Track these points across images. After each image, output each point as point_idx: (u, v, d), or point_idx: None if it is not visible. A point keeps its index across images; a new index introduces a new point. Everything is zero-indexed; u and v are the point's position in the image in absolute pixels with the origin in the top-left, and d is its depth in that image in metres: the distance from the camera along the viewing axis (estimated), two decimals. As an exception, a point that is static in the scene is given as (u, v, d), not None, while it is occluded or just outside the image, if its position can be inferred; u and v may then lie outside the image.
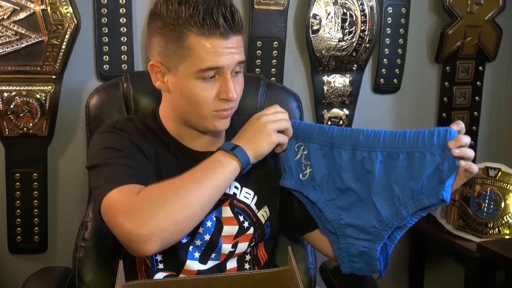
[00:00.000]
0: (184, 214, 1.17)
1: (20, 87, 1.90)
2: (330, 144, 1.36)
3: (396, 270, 2.50)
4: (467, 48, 2.31)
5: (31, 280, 1.58)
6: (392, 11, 2.22)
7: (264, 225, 1.45)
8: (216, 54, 1.27)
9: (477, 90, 2.41)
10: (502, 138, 2.52)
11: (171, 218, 1.15)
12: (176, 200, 1.17)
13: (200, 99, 1.31)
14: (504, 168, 2.09)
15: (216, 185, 1.23)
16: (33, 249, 2.04)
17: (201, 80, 1.29)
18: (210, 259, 1.39)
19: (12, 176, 1.97)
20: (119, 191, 1.20)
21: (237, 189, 1.43)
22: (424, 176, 1.27)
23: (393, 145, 1.29)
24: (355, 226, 1.36)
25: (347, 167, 1.34)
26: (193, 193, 1.19)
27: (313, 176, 1.38)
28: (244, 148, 1.27)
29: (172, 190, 1.19)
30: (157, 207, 1.16)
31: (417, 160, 1.27)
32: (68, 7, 1.86)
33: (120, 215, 1.17)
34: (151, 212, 1.15)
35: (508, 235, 2.05)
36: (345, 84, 2.20)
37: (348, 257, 1.41)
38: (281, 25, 2.11)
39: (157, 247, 1.16)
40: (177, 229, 1.17)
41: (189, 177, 1.23)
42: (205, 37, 1.26)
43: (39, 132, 1.95)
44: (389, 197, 1.31)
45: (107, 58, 1.99)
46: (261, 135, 1.30)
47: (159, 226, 1.14)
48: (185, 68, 1.29)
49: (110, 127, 1.40)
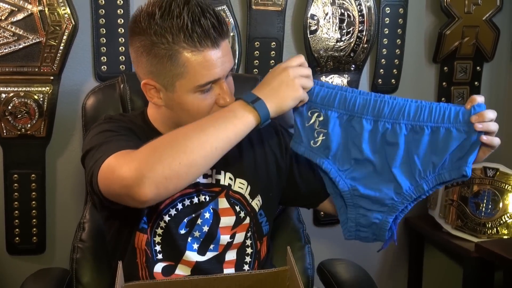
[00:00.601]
0: (181, 159, 1.12)
1: (18, 88, 1.90)
2: (350, 114, 1.29)
3: (395, 270, 2.50)
4: (464, 48, 2.32)
5: (29, 281, 1.58)
6: (390, 11, 2.22)
7: (257, 213, 1.46)
8: (212, 67, 1.26)
9: (475, 90, 2.41)
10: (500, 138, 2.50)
11: (166, 162, 1.11)
12: (174, 145, 1.14)
13: (200, 109, 1.30)
14: (502, 168, 2.09)
15: (224, 135, 1.17)
16: (31, 250, 2.04)
17: (200, 93, 1.29)
18: (209, 250, 1.40)
19: (10, 177, 1.97)
20: (117, 155, 1.18)
21: (231, 180, 1.44)
22: (448, 152, 1.25)
23: (418, 118, 1.26)
24: (370, 198, 1.32)
25: (367, 138, 1.29)
26: (192, 138, 1.14)
27: (327, 145, 1.30)
28: (266, 102, 1.20)
29: (172, 137, 1.16)
30: (152, 152, 1.13)
31: (443, 136, 1.25)
32: (65, 8, 1.86)
33: (117, 169, 1.14)
34: (145, 157, 1.12)
35: (506, 235, 2.05)
36: (343, 84, 2.20)
37: (355, 226, 1.37)
38: (279, 25, 2.11)
39: (152, 192, 1.11)
40: (174, 174, 1.12)
41: (194, 124, 1.19)
42: (198, 51, 1.24)
43: (37, 133, 1.94)
44: (410, 171, 1.28)
45: (105, 59, 1.99)
46: (288, 89, 1.22)
47: (152, 169, 1.10)
48: (182, 84, 1.28)
49: (106, 118, 1.41)
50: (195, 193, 1.39)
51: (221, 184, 1.42)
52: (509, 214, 2.05)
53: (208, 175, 1.42)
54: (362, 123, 1.28)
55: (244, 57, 2.11)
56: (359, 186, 1.32)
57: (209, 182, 1.42)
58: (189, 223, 1.38)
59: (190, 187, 1.38)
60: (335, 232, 2.35)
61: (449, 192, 2.17)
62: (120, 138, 1.28)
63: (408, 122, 1.27)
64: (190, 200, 1.39)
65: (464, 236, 2.11)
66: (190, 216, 1.39)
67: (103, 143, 1.25)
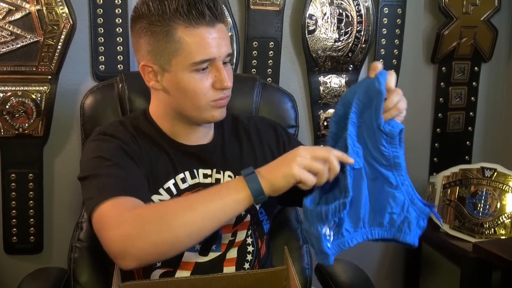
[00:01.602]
0: (164, 238, 1.14)
1: (15, 88, 1.90)
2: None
3: (392, 270, 2.50)
4: (462, 48, 2.32)
5: (26, 281, 1.58)
6: (388, 12, 2.22)
7: (258, 212, 1.46)
8: (207, 46, 1.29)
9: (473, 90, 2.41)
10: (498, 138, 2.53)
11: (150, 240, 1.14)
12: (160, 222, 1.15)
13: (197, 90, 1.32)
14: (499, 169, 2.09)
15: (211, 213, 1.16)
16: (28, 249, 2.04)
17: (196, 72, 1.31)
18: (211, 250, 1.39)
19: (8, 176, 1.96)
20: (108, 205, 1.20)
21: (231, 178, 1.44)
22: (373, 125, 1.21)
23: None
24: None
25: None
26: (179, 217, 1.14)
27: (340, 227, 1.17)
28: (259, 177, 1.16)
29: (160, 211, 1.17)
30: (138, 226, 1.15)
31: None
32: (63, 7, 1.86)
33: (104, 230, 1.19)
34: (131, 231, 1.15)
35: (504, 235, 2.05)
36: (341, 84, 2.20)
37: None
38: (277, 25, 2.11)
39: (133, 265, 1.16)
40: (156, 251, 1.15)
41: (185, 200, 1.21)
42: (193, 27, 1.28)
43: (34, 133, 1.94)
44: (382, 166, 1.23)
45: (103, 59, 1.98)
46: (283, 166, 1.16)
47: (136, 246, 1.13)
48: (178, 62, 1.31)
49: (100, 134, 1.40)
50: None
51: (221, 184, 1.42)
52: (506, 214, 2.05)
53: (208, 175, 1.42)
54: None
55: (242, 57, 2.10)
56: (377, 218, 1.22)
57: (209, 182, 1.42)
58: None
59: (189, 189, 1.39)
60: (333, 232, 2.36)
61: (447, 192, 2.17)
62: (111, 173, 1.28)
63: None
64: None
65: (462, 236, 2.11)
66: None
67: (95, 176, 1.28)
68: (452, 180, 2.16)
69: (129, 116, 1.53)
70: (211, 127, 1.48)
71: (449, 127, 2.42)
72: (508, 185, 2.06)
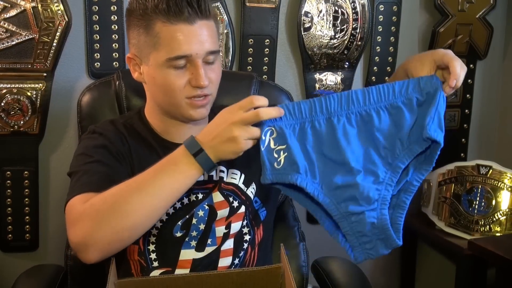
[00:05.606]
0: (123, 224, 1.15)
1: (11, 85, 1.89)
2: (300, 121, 1.21)
3: (388, 267, 2.51)
4: (458, 46, 2.32)
5: (22, 278, 1.58)
6: (384, 9, 2.22)
7: (253, 201, 1.45)
8: (184, 42, 1.28)
9: (468, 88, 2.41)
10: (493, 135, 2.53)
11: (108, 228, 1.15)
12: (115, 210, 1.15)
13: (172, 87, 1.32)
14: (495, 166, 2.10)
15: (166, 193, 1.18)
16: (24, 247, 2.04)
17: (172, 68, 1.31)
18: (207, 245, 1.39)
19: (3, 174, 1.96)
20: (75, 201, 1.23)
21: (223, 172, 1.43)
22: (409, 123, 1.21)
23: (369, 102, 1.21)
24: (355, 199, 1.20)
25: (325, 139, 1.21)
26: (133, 201, 1.15)
27: (292, 159, 1.19)
28: (208, 153, 1.17)
29: (113, 199, 1.17)
30: (95, 217, 1.16)
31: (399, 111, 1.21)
32: (59, 4, 1.86)
33: (68, 225, 1.21)
34: (88, 222, 1.16)
35: (499, 233, 2.06)
36: (337, 82, 2.21)
37: (356, 240, 1.23)
38: (273, 22, 2.11)
39: (97, 257, 1.17)
40: (116, 239, 1.17)
41: (134, 183, 1.19)
42: (171, 23, 1.28)
43: (30, 130, 1.94)
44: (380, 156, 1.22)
45: (98, 56, 1.98)
46: (231, 145, 1.17)
47: (95, 237, 1.15)
48: (155, 57, 1.31)
49: (89, 132, 1.43)
50: (185, 194, 1.38)
51: (214, 180, 1.42)
52: (502, 211, 2.06)
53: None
54: (315, 126, 1.21)
55: (238, 54, 2.10)
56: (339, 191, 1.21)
57: (202, 179, 1.40)
58: (184, 224, 1.37)
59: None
60: (329, 229, 2.36)
61: (442, 190, 2.17)
62: (88, 169, 1.30)
63: (360, 109, 1.22)
64: (181, 202, 1.38)
65: (457, 234, 2.11)
66: (184, 218, 1.38)
67: (75, 173, 1.31)
68: (448, 178, 2.17)
69: (123, 116, 1.54)
70: (203, 124, 1.44)
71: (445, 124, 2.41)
72: (503, 182, 2.07)
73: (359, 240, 1.24)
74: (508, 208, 2.06)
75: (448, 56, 1.21)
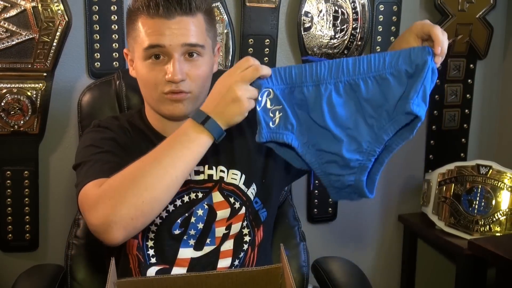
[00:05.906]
0: (143, 198, 1.14)
1: (11, 85, 1.89)
2: (290, 86, 1.24)
3: (388, 267, 2.51)
4: (458, 46, 2.32)
5: (22, 278, 1.58)
6: (384, 9, 2.22)
7: (253, 202, 1.45)
8: (157, 33, 1.31)
9: (468, 88, 2.41)
10: (493, 135, 2.53)
11: (129, 203, 1.14)
12: (134, 184, 1.15)
13: (149, 80, 1.34)
14: (495, 166, 2.10)
15: (181, 162, 1.18)
16: (24, 247, 2.03)
17: (149, 61, 1.33)
18: (206, 244, 1.40)
19: (3, 174, 1.96)
20: (89, 186, 1.22)
21: (223, 173, 1.43)
22: (397, 95, 1.22)
23: (358, 72, 1.23)
24: (337, 163, 1.27)
25: (313, 105, 1.24)
26: (151, 174, 1.16)
27: (287, 119, 1.23)
28: (215, 119, 1.19)
29: (131, 175, 1.18)
30: (114, 195, 1.15)
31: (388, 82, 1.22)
32: (59, 4, 1.86)
33: (86, 210, 1.20)
34: (109, 201, 1.15)
35: (499, 232, 2.06)
36: (337, 81, 2.20)
37: (334, 189, 1.32)
38: (273, 22, 2.11)
39: (122, 235, 1.15)
40: (139, 213, 1.15)
41: (150, 157, 1.20)
42: (149, 17, 1.31)
43: (30, 130, 1.94)
44: (366, 125, 1.25)
45: (98, 56, 1.98)
46: (235, 106, 1.18)
47: (117, 214, 1.13)
48: (137, 50, 1.35)
49: (94, 126, 1.44)
50: (185, 191, 1.39)
51: (213, 179, 1.42)
52: (501, 211, 2.06)
53: (200, 171, 1.42)
54: (303, 91, 1.24)
55: (238, 54, 2.10)
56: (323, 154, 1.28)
57: (201, 178, 1.41)
58: (183, 222, 1.38)
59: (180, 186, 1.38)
60: (329, 229, 2.36)
61: (442, 190, 2.17)
62: (99, 158, 1.30)
63: (349, 78, 1.24)
64: (181, 200, 1.39)
65: (457, 233, 2.11)
66: (183, 216, 1.38)
67: (85, 162, 1.31)
68: (448, 177, 2.17)
69: (125, 114, 1.55)
70: None
71: (445, 124, 2.42)
72: (503, 182, 2.07)
73: (335, 190, 1.32)
74: (508, 208, 2.06)
75: (426, 26, 1.25)
